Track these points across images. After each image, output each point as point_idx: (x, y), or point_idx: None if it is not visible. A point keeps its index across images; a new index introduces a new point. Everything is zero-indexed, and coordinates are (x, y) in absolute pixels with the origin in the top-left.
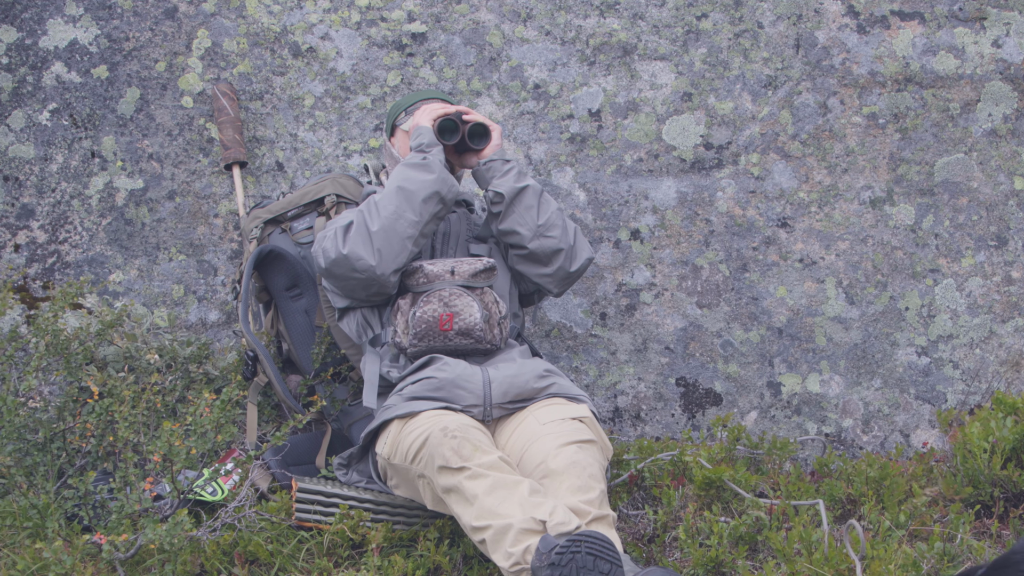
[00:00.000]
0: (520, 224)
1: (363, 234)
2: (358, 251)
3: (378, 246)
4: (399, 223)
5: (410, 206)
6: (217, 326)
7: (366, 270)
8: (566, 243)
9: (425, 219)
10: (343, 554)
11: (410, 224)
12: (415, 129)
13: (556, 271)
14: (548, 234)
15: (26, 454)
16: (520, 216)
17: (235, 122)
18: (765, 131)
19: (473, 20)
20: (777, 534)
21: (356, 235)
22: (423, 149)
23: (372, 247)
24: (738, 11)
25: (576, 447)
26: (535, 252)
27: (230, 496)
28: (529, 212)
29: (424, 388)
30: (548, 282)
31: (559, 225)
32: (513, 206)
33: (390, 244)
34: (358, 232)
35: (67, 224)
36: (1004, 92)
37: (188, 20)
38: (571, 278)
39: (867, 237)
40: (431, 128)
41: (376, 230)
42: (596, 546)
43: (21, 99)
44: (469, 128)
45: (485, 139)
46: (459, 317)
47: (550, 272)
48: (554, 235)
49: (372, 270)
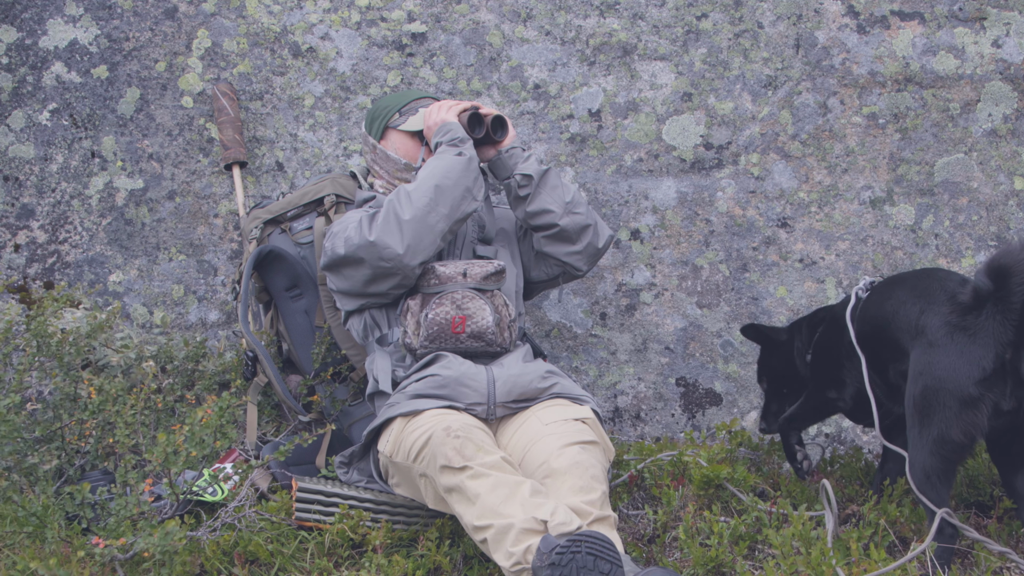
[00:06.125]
0: (550, 202)
1: (393, 223)
2: (386, 239)
3: (408, 235)
4: (431, 216)
5: (445, 200)
6: (217, 326)
7: (393, 259)
8: (592, 219)
9: (457, 216)
10: (343, 554)
11: (442, 218)
12: (441, 125)
13: (585, 247)
14: (576, 211)
15: (25, 455)
16: (548, 195)
17: (235, 122)
18: (765, 131)
19: (473, 20)
20: (777, 533)
21: (385, 223)
22: (456, 143)
23: (402, 236)
24: (738, 11)
25: (579, 448)
26: (565, 229)
27: (230, 496)
28: (555, 191)
29: (428, 386)
30: (578, 259)
31: (583, 203)
32: (541, 187)
33: (420, 236)
34: (387, 221)
35: (67, 224)
36: (1004, 92)
37: (188, 20)
38: (599, 254)
39: (867, 237)
40: (459, 123)
41: (408, 219)
42: (597, 546)
43: (21, 99)
44: (492, 120)
45: (504, 131)
46: (471, 320)
47: (579, 249)
48: (581, 211)
49: (400, 259)
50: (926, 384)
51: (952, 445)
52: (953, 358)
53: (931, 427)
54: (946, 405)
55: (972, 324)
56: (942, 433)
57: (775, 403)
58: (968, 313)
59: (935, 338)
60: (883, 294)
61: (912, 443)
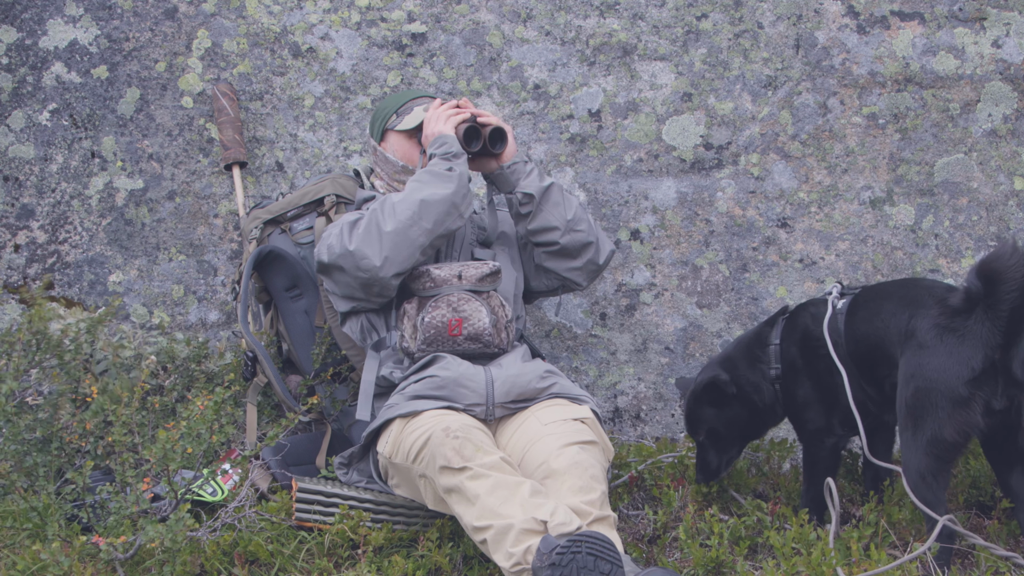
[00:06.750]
0: (552, 220)
1: (374, 233)
2: (364, 249)
3: (387, 248)
4: (413, 230)
5: (429, 215)
6: (217, 326)
7: (369, 270)
8: (593, 236)
9: (439, 231)
10: (343, 554)
11: (424, 233)
12: (437, 137)
13: (586, 264)
14: (577, 228)
15: (25, 454)
16: (550, 213)
17: (235, 122)
18: (765, 131)
19: (473, 20)
20: (777, 534)
21: (365, 233)
22: (448, 158)
23: (380, 248)
24: (738, 11)
25: (578, 448)
26: (566, 247)
27: (230, 496)
28: (557, 208)
29: (427, 387)
30: (577, 275)
31: (585, 219)
32: (542, 205)
33: (399, 249)
34: (368, 231)
35: (67, 224)
36: (1004, 92)
37: (188, 20)
38: (599, 270)
39: (867, 237)
40: (456, 136)
41: (389, 231)
42: (597, 546)
43: (21, 99)
44: (489, 133)
45: (503, 143)
46: (468, 322)
47: (579, 265)
48: (582, 229)
49: (375, 271)
50: (917, 386)
51: (945, 445)
52: (943, 359)
53: (924, 428)
54: (938, 406)
55: (961, 326)
56: (935, 433)
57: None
58: (957, 316)
59: (925, 340)
60: (871, 309)
61: (905, 445)
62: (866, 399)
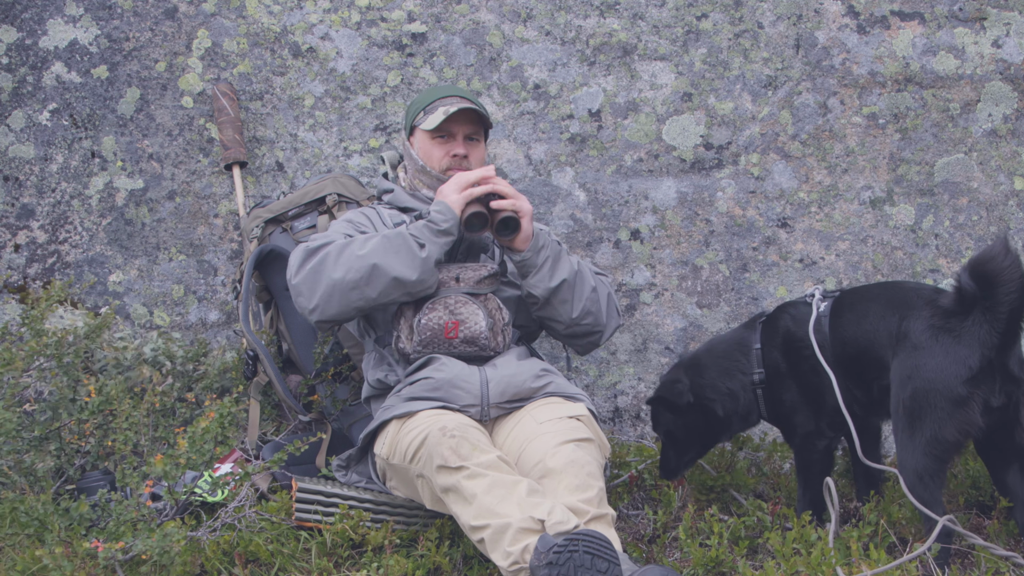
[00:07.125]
0: (557, 315)
1: (321, 274)
2: (302, 287)
3: (323, 296)
4: (353, 293)
5: (375, 285)
6: (217, 326)
7: (303, 309)
8: (599, 326)
9: (382, 302)
10: (343, 554)
11: (363, 299)
12: (440, 202)
13: (585, 345)
14: (582, 323)
15: (25, 454)
16: (555, 310)
17: (235, 122)
18: (765, 131)
19: (473, 20)
20: (777, 534)
21: (312, 272)
22: (434, 232)
23: (317, 293)
24: (738, 11)
25: (574, 445)
26: (567, 335)
27: (230, 496)
28: (564, 306)
29: (422, 388)
30: (573, 348)
31: (593, 311)
32: (551, 300)
33: (332, 302)
34: (316, 269)
35: (67, 224)
36: (1004, 92)
37: (188, 20)
38: (596, 348)
39: (867, 237)
40: (458, 216)
41: (332, 280)
42: (594, 545)
43: (21, 99)
44: (498, 222)
45: (514, 232)
46: (464, 325)
47: (579, 344)
48: (588, 322)
49: (306, 312)
50: (915, 387)
51: (945, 445)
52: (940, 359)
53: (923, 429)
54: (937, 406)
55: (957, 326)
56: (935, 434)
57: (672, 452)
58: (951, 316)
59: (919, 341)
60: (857, 311)
61: (902, 446)
62: (852, 401)
